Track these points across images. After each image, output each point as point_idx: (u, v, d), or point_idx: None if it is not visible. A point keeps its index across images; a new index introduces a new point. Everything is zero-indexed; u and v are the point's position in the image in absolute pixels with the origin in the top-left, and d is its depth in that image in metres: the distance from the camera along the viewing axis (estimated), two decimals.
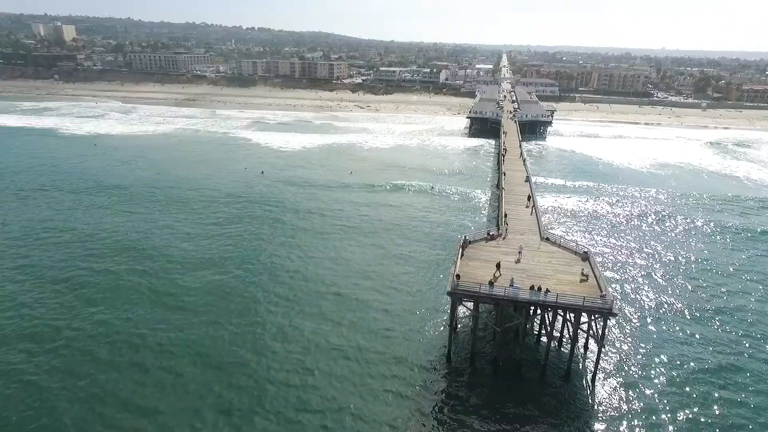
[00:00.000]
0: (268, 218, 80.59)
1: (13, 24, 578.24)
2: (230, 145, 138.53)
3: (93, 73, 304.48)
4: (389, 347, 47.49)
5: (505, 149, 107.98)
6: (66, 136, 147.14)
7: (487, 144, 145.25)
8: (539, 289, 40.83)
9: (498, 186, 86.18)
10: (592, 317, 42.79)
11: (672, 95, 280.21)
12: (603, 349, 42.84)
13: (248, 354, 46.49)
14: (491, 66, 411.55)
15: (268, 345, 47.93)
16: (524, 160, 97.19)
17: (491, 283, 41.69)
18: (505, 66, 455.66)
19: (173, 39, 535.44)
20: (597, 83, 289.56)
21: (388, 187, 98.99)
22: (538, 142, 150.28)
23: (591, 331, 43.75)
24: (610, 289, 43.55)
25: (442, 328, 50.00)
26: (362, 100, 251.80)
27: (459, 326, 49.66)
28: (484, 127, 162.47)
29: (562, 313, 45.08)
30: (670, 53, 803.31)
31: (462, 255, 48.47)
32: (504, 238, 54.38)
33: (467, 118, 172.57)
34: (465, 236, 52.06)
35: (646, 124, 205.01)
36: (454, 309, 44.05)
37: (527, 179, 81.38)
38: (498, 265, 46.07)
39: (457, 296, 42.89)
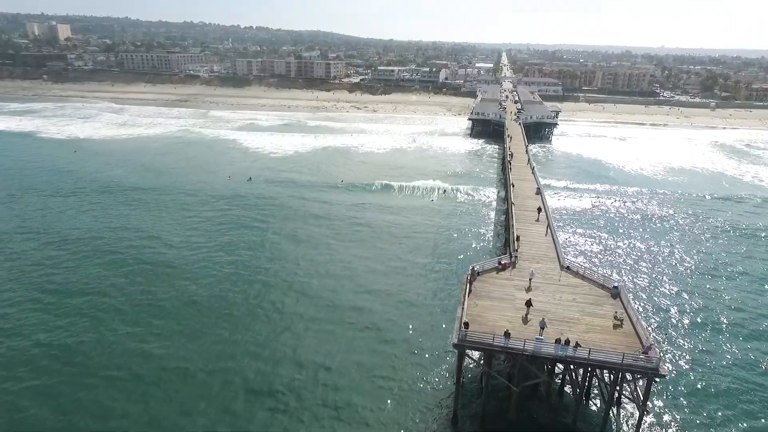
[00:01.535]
0: (250, 228, 73.77)
1: (9, 23, 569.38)
2: (219, 149, 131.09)
3: (83, 74, 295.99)
4: (382, 401, 39.78)
5: (510, 154, 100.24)
6: (45, 140, 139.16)
7: (489, 147, 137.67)
8: (567, 342, 33.11)
9: (505, 199, 78.40)
10: (633, 376, 34.91)
11: (678, 94, 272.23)
12: (645, 414, 34.98)
13: (226, 399, 39.25)
14: (492, 65, 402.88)
15: (248, 384, 41.16)
16: (533, 168, 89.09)
17: (507, 334, 33.92)
18: (505, 65, 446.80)
19: (170, 38, 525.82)
20: (601, 82, 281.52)
21: (383, 194, 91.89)
22: (543, 145, 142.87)
23: (629, 392, 35.84)
24: (652, 338, 35.76)
25: (446, 378, 42.25)
26: (360, 100, 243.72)
27: (469, 375, 41.94)
28: (486, 129, 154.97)
29: (592, 369, 37.29)
30: (670, 51, 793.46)
31: (469, 291, 40.67)
32: (515, 266, 46.65)
33: (469, 119, 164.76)
34: (473, 266, 44.02)
35: (653, 125, 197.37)
36: (461, 362, 36.21)
37: (538, 191, 73.39)
38: (528, 303, 38.66)
39: (464, 349, 35.22)
